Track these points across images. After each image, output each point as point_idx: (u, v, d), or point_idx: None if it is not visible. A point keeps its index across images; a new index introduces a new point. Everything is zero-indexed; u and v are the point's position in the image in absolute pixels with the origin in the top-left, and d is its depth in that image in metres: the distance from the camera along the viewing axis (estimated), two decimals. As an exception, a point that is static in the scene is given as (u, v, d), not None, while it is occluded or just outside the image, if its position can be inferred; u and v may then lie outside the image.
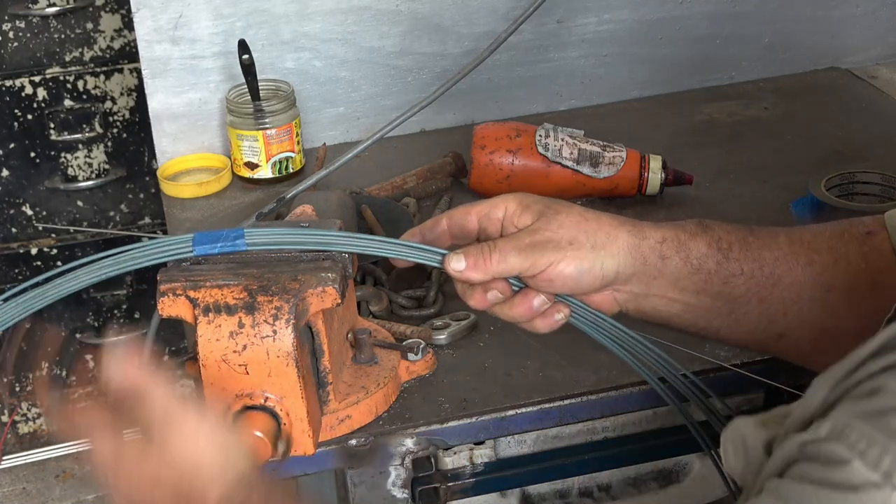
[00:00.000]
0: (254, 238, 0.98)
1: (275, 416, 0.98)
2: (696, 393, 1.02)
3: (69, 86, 2.24)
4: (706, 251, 0.96)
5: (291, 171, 1.59)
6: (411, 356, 1.14)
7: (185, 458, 0.85)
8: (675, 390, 1.03)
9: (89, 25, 2.21)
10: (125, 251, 0.98)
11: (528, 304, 0.96)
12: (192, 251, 0.98)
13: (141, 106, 2.24)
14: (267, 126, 1.56)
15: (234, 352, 0.97)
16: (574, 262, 0.94)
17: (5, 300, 0.99)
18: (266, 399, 0.98)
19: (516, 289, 0.96)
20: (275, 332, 0.97)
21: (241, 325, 0.97)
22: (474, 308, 0.98)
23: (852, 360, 0.67)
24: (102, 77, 2.25)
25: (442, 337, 1.20)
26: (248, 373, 0.98)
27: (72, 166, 2.30)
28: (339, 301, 0.99)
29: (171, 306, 0.99)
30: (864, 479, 0.62)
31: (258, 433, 0.96)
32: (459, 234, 1.00)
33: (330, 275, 0.99)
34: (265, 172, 1.58)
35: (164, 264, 1.00)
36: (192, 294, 0.97)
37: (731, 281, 0.96)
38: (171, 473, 0.85)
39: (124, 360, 0.88)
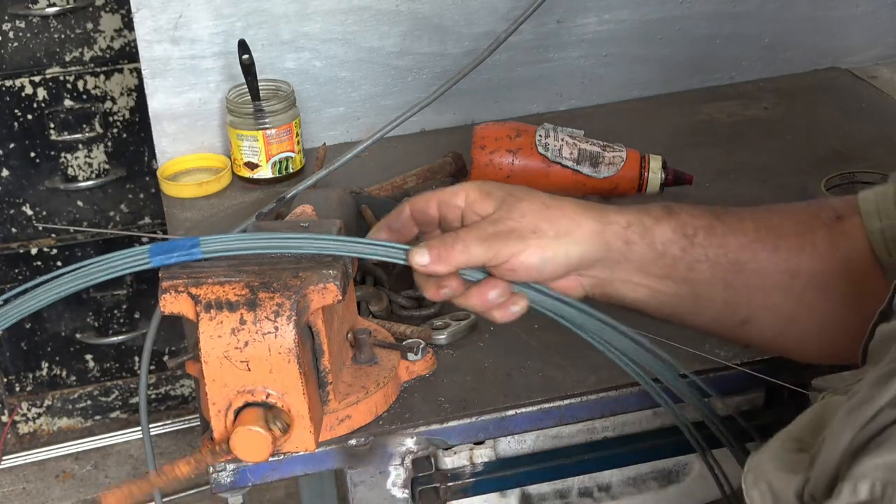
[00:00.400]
0: (209, 246, 0.99)
1: (273, 409, 0.99)
2: (691, 393, 1.02)
3: (69, 86, 2.24)
4: (671, 236, 0.95)
5: (291, 171, 1.59)
6: (411, 356, 1.14)
7: None
8: (668, 391, 1.03)
9: (89, 25, 2.21)
10: (83, 266, 0.99)
11: (483, 297, 0.95)
12: (148, 262, 0.98)
13: (141, 106, 2.24)
14: (267, 126, 1.56)
15: (236, 348, 0.97)
16: (537, 251, 0.93)
17: None
18: (268, 395, 0.98)
19: (474, 279, 0.95)
20: (276, 328, 0.97)
21: (242, 322, 0.97)
22: (430, 298, 0.98)
23: (873, 404, 0.67)
24: (102, 77, 2.25)
25: (442, 337, 1.20)
26: (249, 369, 0.98)
27: (72, 166, 2.30)
28: (341, 297, 0.99)
29: (172, 303, 0.99)
30: None
31: (258, 429, 0.96)
32: (422, 220, 0.99)
33: (331, 271, 0.99)
34: (265, 172, 1.58)
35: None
36: (193, 291, 0.98)
37: (696, 267, 0.95)
38: None
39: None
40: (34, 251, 2.34)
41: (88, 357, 2.46)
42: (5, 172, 2.28)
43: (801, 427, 0.78)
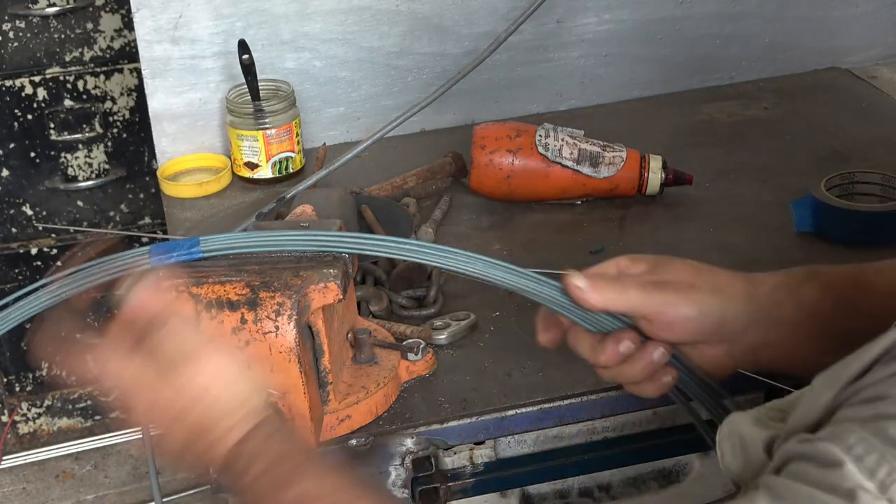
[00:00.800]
0: (209, 245, 0.99)
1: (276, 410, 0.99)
2: (705, 392, 1.01)
3: (69, 86, 2.24)
4: (819, 294, 0.93)
5: (291, 171, 1.59)
6: (411, 356, 1.14)
7: (202, 389, 0.84)
8: (679, 389, 1.03)
9: (89, 25, 2.21)
10: (84, 268, 1.00)
11: (648, 359, 0.93)
12: (149, 263, 0.99)
13: (141, 106, 2.24)
14: (267, 126, 1.56)
15: (237, 347, 0.97)
16: (695, 304, 0.92)
17: None
18: (268, 394, 0.98)
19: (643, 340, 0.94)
20: (277, 327, 0.97)
21: (243, 321, 0.97)
22: (604, 365, 0.95)
23: (857, 363, 0.67)
24: (102, 77, 2.25)
25: (442, 337, 1.20)
26: (250, 368, 0.98)
27: (72, 166, 2.30)
28: (341, 297, 0.99)
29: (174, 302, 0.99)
30: (857, 484, 0.61)
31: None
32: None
33: (332, 271, 0.99)
34: (265, 172, 1.58)
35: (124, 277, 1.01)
36: (194, 290, 0.98)
37: (845, 323, 0.92)
38: (188, 404, 0.84)
39: (148, 284, 0.88)
40: (34, 251, 2.34)
41: (88, 357, 2.46)
42: (5, 172, 2.28)
43: (786, 401, 0.78)
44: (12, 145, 2.26)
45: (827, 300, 0.94)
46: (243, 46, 1.55)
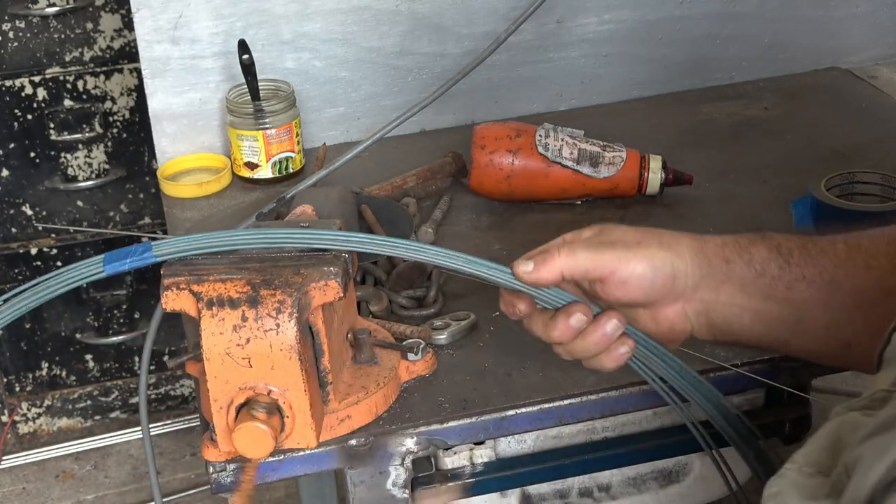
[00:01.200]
0: (161, 249, 1.00)
1: (278, 409, 0.99)
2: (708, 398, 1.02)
3: (69, 86, 2.24)
4: (767, 255, 0.95)
5: (291, 171, 1.59)
6: (411, 356, 1.14)
7: None
8: (675, 390, 1.03)
9: (89, 25, 2.21)
10: (42, 281, 1.01)
11: (601, 331, 0.95)
12: (102, 271, 1.00)
13: (141, 106, 2.24)
14: (267, 126, 1.56)
15: (238, 345, 0.98)
16: (646, 259, 0.94)
17: None
18: (269, 392, 0.99)
19: (597, 311, 0.96)
20: (278, 325, 0.97)
21: (244, 319, 0.97)
22: (558, 341, 0.97)
23: None
24: (102, 77, 2.25)
25: (442, 337, 1.20)
26: (251, 366, 0.98)
27: (72, 166, 2.30)
28: (342, 294, 0.99)
29: (174, 300, 0.99)
30: None
31: (261, 425, 0.97)
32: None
33: (332, 269, 0.99)
34: (265, 172, 1.58)
35: (81, 291, 1.02)
36: (195, 288, 0.98)
37: (795, 286, 0.95)
38: None
39: None
40: (34, 251, 2.34)
41: (88, 357, 2.46)
42: (5, 172, 2.28)
43: (818, 449, 0.77)
44: (12, 145, 2.26)
45: (775, 262, 0.95)
46: (243, 46, 1.55)
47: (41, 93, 2.23)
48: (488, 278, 0.98)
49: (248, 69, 1.56)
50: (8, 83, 2.21)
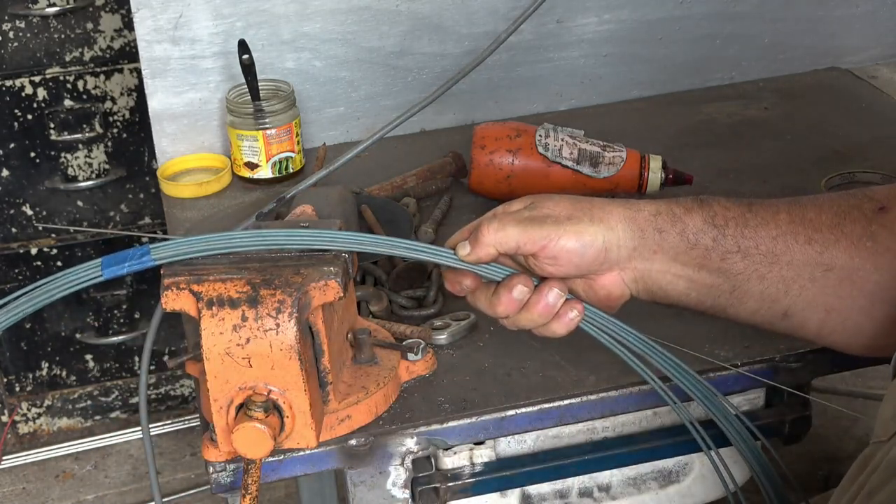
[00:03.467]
0: (160, 252, 1.00)
1: (278, 409, 0.99)
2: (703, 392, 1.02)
3: (69, 86, 2.24)
4: (702, 226, 0.96)
5: (291, 171, 1.59)
6: (411, 356, 1.14)
7: None
8: (676, 390, 1.03)
9: (89, 25, 2.21)
10: (40, 286, 1.01)
11: (544, 301, 0.97)
12: (101, 275, 1.00)
13: (141, 106, 2.24)
14: (267, 126, 1.56)
15: (238, 345, 0.98)
16: (574, 235, 0.95)
17: None
18: (269, 392, 0.99)
19: (537, 282, 0.97)
20: (278, 325, 0.97)
21: (244, 319, 0.97)
22: (503, 315, 0.99)
23: None
24: (102, 77, 2.25)
25: (442, 337, 1.20)
26: (251, 366, 0.98)
27: (72, 166, 2.30)
28: (342, 294, 0.99)
29: (174, 300, 0.99)
30: None
31: (260, 425, 0.97)
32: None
33: (332, 268, 0.99)
34: (265, 172, 1.58)
35: (81, 291, 1.02)
36: (195, 288, 0.98)
37: (729, 258, 0.96)
38: None
39: None
40: (34, 251, 2.34)
41: (88, 357, 2.46)
42: (5, 172, 2.28)
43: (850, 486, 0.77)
44: (12, 145, 2.26)
45: (709, 233, 0.96)
46: (243, 46, 1.55)
47: (41, 93, 2.23)
48: (435, 261, 1.01)
49: (248, 69, 1.56)
50: (8, 83, 2.21)
